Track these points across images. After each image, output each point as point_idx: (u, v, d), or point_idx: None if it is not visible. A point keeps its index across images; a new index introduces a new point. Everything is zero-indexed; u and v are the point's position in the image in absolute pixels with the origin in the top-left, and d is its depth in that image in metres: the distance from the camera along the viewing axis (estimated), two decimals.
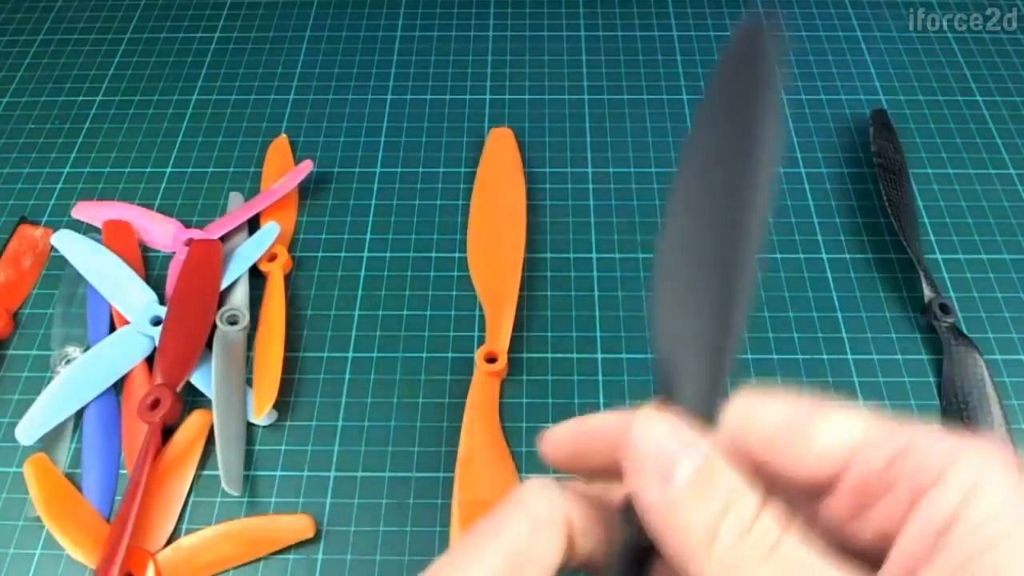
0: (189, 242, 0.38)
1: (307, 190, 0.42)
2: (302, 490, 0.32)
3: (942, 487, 0.13)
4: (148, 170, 0.43)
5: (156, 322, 0.35)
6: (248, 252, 0.37)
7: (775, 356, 0.35)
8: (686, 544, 0.14)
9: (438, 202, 0.41)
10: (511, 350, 0.34)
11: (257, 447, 0.33)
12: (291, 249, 0.39)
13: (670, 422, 0.15)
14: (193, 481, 0.32)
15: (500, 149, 0.42)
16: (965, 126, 0.44)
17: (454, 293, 0.37)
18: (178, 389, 0.32)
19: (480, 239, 0.39)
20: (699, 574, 0.13)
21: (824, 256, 0.38)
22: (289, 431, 0.33)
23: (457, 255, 0.39)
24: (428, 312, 0.37)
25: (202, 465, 0.32)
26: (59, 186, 0.42)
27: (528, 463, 0.32)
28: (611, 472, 0.17)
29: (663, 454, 0.14)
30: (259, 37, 0.50)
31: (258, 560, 0.30)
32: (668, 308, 0.17)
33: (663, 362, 0.16)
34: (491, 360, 0.34)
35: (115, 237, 0.39)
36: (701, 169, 0.18)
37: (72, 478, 0.32)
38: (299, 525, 0.30)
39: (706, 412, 0.15)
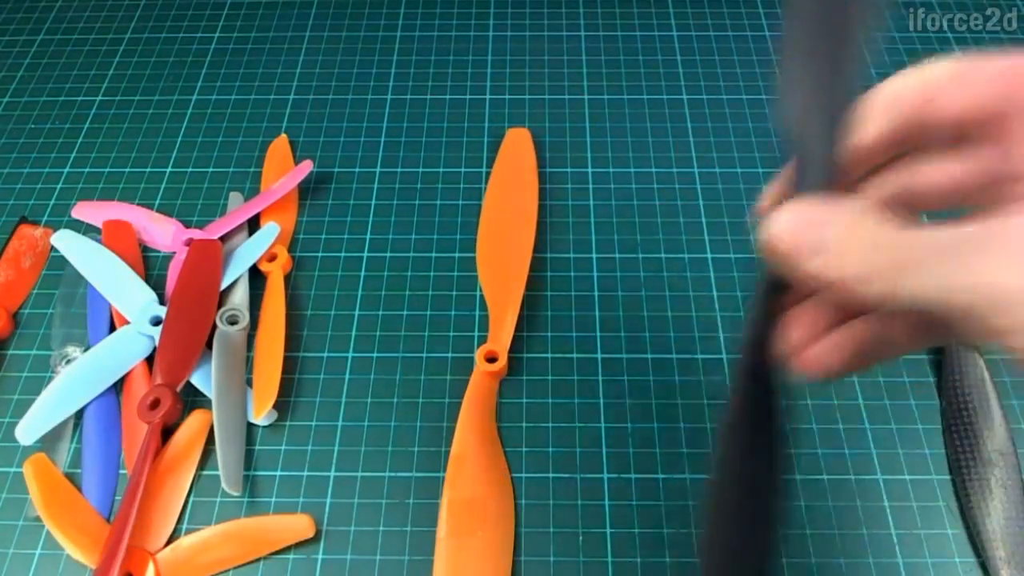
0: (189, 242, 0.38)
1: (307, 190, 0.42)
2: (302, 490, 0.32)
3: None
4: (148, 170, 0.43)
5: (156, 322, 0.35)
6: (248, 252, 0.37)
7: None
8: (855, 270, 0.17)
9: (438, 202, 0.41)
10: (511, 350, 0.34)
11: (257, 447, 0.33)
12: (291, 249, 0.39)
13: (793, 212, 0.18)
14: (193, 481, 0.32)
15: (517, 150, 0.42)
16: None
17: (454, 293, 0.37)
18: (178, 389, 0.32)
19: (490, 238, 0.39)
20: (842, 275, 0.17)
21: None
22: (289, 431, 0.33)
23: (457, 255, 0.39)
24: (428, 312, 0.37)
25: (202, 465, 0.32)
26: (59, 186, 0.42)
27: (526, 463, 0.32)
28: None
29: (799, 242, 0.18)
30: (259, 37, 0.50)
31: (258, 560, 0.30)
32: (795, 91, 0.20)
33: (796, 134, 0.19)
34: (491, 360, 0.34)
35: (115, 237, 0.39)
36: None
37: (72, 478, 0.32)
38: (299, 525, 0.30)
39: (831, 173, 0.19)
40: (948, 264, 0.16)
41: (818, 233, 0.18)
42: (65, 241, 0.38)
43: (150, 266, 0.39)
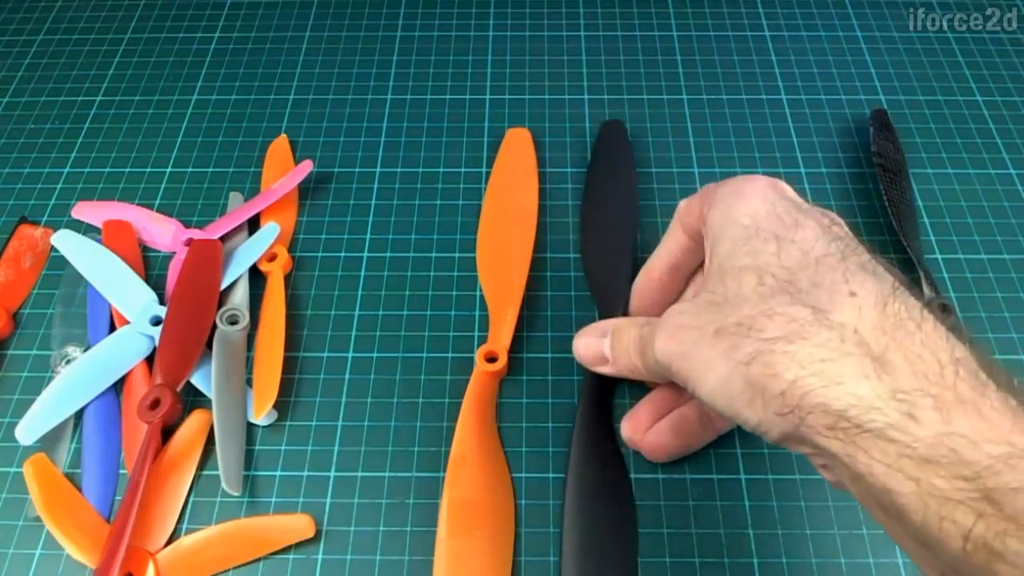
0: (189, 242, 0.38)
1: (307, 190, 0.42)
2: (302, 490, 0.32)
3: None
4: (148, 170, 0.43)
5: (156, 322, 0.35)
6: (248, 252, 0.37)
7: None
8: (624, 362, 0.29)
9: (438, 202, 0.41)
10: (511, 350, 0.34)
11: (257, 447, 0.33)
12: (291, 249, 0.39)
13: (585, 336, 0.31)
14: (193, 481, 0.32)
15: (516, 149, 0.42)
16: (965, 126, 0.44)
17: (454, 293, 0.37)
18: (178, 389, 0.32)
19: (490, 238, 0.39)
20: (636, 364, 0.28)
21: None
22: (289, 431, 0.33)
23: (457, 255, 0.39)
24: (428, 312, 0.37)
25: (202, 465, 0.32)
26: (59, 186, 0.42)
27: (526, 463, 0.32)
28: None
29: (592, 354, 0.30)
30: (259, 37, 0.50)
31: (258, 560, 0.30)
32: (595, 273, 0.37)
33: (597, 299, 0.36)
34: (491, 359, 0.34)
35: (115, 237, 0.39)
36: (599, 194, 0.39)
37: (72, 478, 0.32)
38: (299, 525, 0.30)
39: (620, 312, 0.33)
40: (651, 345, 0.25)
41: (597, 348, 0.30)
42: (65, 241, 0.38)
43: (150, 266, 0.39)
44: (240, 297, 0.36)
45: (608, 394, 0.33)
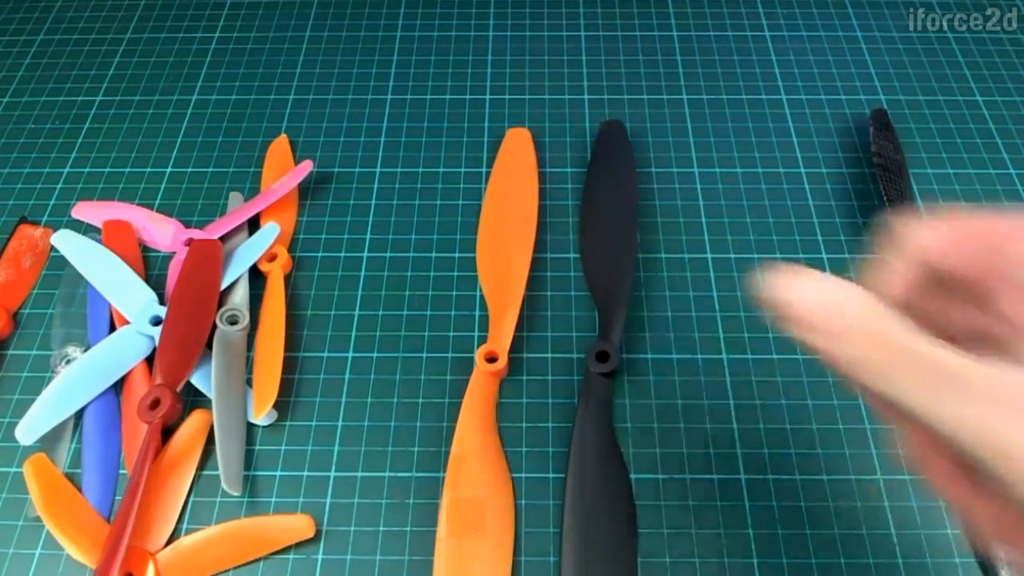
0: (189, 242, 0.38)
1: (307, 190, 0.42)
2: (302, 490, 0.32)
3: None
4: (148, 170, 0.43)
5: (156, 322, 0.35)
6: (248, 252, 0.37)
7: (775, 356, 0.35)
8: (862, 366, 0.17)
9: (438, 202, 0.41)
10: (511, 350, 0.34)
11: (257, 447, 0.33)
12: (291, 249, 0.39)
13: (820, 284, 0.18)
14: (193, 481, 0.32)
15: (517, 150, 0.42)
16: (965, 126, 0.44)
17: (454, 293, 0.37)
18: (178, 389, 0.32)
19: (490, 238, 0.39)
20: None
21: (824, 256, 0.38)
22: (289, 431, 0.33)
23: (457, 255, 0.39)
24: (428, 312, 0.37)
25: (202, 465, 0.32)
26: (59, 186, 0.42)
27: (526, 463, 0.32)
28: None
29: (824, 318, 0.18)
30: (259, 37, 0.50)
31: (258, 560, 0.30)
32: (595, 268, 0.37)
33: (598, 298, 0.36)
34: (491, 360, 0.34)
35: (115, 237, 0.39)
36: (599, 194, 0.39)
37: (72, 478, 0.32)
38: (299, 525, 0.30)
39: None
40: (961, 404, 0.16)
41: (830, 313, 0.18)
42: (65, 241, 0.38)
43: (150, 266, 0.39)
44: (240, 297, 0.36)
45: (608, 394, 0.33)
